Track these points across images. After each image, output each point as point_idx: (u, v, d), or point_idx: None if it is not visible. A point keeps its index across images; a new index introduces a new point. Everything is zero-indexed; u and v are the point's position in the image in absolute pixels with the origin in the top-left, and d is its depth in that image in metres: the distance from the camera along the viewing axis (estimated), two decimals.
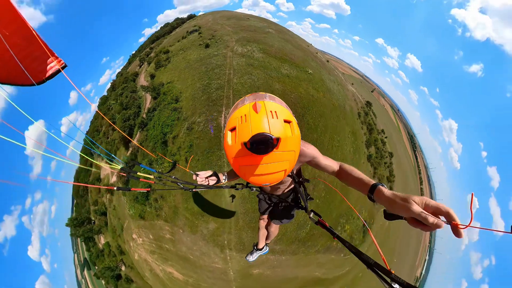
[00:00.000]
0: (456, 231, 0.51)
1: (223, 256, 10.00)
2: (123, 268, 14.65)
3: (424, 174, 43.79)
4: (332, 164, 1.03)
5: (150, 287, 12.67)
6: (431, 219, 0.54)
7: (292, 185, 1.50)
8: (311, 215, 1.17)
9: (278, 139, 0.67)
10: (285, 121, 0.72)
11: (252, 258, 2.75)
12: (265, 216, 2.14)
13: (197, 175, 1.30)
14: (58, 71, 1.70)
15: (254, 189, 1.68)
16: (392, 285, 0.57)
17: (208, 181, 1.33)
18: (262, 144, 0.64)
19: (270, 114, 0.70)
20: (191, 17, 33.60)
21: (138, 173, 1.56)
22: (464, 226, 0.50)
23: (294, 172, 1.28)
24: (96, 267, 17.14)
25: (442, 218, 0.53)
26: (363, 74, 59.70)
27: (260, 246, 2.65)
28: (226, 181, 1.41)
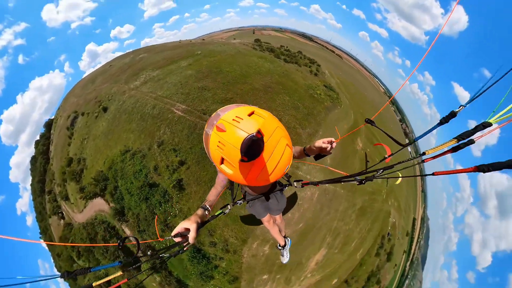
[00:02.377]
0: (331, 148, 1.11)
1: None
2: None
3: (330, 47, 60.38)
4: (298, 149, 1.37)
5: None
6: (324, 144, 1.12)
7: None
8: (295, 185, 1.47)
9: (258, 131, 0.70)
10: (249, 115, 0.78)
11: (286, 258, 2.89)
12: (266, 217, 2.20)
13: (175, 236, 0.95)
14: None
15: (240, 202, 1.63)
16: (364, 179, 1.03)
17: (194, 231, 0.96)
18: (253, 147, 0.68)
19: (235, 122, 0.75)
20: (50, 124, 27.36)
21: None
22: (336, 140, 1.03)
23: None
24: None
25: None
26: (237, 28, 70.89)
27: (282, 243, 2.79)
28: (209, 214, 1.17)
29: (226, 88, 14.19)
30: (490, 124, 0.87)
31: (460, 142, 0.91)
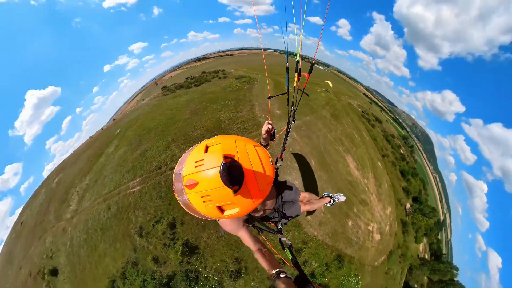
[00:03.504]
0: (272, 125, 1.47)
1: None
2: None
3: (223, 53, 69.91)
4: None
5: None
6: (266, 127, 1.45)
7: None
8: (277, 165, 1.73)
9: (225, 156, 0.70)
10: (206, 151, 0.75)
11: (342, 197, 3.22)
12: (302, 207, 2.19)
13: None
14: None
15: (281, 228, 1.55)
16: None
17: None
18: (232, 173, 0.65)
19: (199, 167, 0.70)
20: None
21: None
22: (268, 121, 1.49)
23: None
24: None
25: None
26: (139, 90, 70.78)
27: (328, 200, 3.07)
28: (288, 277, 0.92)
29: (163, 136, 14.44)
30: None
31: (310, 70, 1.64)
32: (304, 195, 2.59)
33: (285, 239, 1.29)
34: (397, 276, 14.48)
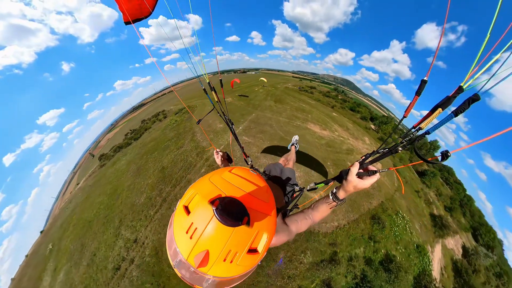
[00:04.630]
0: (221, 153, 1.65)
1: None
2: None
3: (148, 100, 65.20)
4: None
5: None
6: (219, 159, 1.64)
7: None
8: (250, 162, 1.80)
9: (212, 203, 0.61)
10: (188, 213, 0.65)
11: (296, 136, 4.37)
12: (291, 167, 2.76)
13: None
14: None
15: (299, 187, 1.63)
16: None
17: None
18: (232, 211, 0.59)
19: (195, 235, 0.60)
20: None
21: None
22: (216, 148, 1.66)
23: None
24: None
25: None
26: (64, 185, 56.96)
27: (295, 147, 4.03)
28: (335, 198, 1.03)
29: (109, 222, 10.91)
30: None
31: None
32: (282, 161, 2.94)
33: (310, 186, 1.31)
34: (411, 175, 16.48)
